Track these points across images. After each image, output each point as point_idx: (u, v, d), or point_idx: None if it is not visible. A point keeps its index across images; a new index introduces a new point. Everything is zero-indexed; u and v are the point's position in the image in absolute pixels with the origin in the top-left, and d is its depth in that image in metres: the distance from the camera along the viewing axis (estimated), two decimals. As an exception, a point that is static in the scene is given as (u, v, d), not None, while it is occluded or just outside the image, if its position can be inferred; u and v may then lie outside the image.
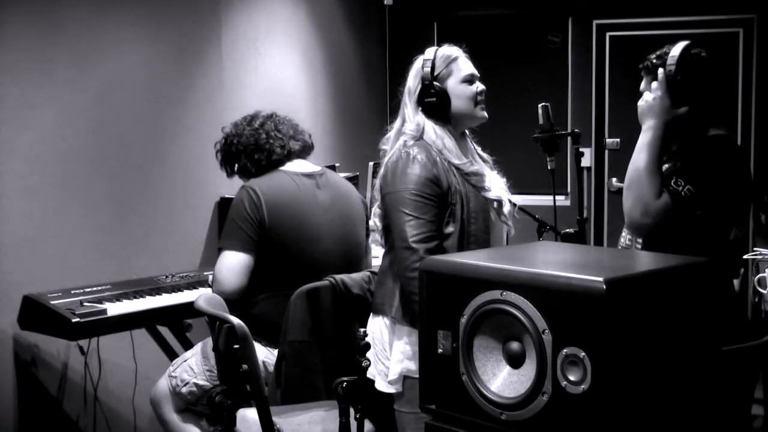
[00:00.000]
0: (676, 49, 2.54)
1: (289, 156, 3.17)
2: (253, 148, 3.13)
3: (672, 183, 2.46)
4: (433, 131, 2.64)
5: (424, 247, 2.48)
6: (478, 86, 2.70)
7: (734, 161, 2.57)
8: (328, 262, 3.07)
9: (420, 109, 2.66)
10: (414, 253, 2.47)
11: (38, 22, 3.31)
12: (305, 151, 3.25)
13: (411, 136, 2.64)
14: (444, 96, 2.64)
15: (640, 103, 2.58)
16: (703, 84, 2.56)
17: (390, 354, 2.60)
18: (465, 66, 2.71)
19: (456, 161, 2.62)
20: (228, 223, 3.02)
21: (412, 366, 2.51)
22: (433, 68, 2.65)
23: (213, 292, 2.95)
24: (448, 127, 2.67)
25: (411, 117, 2.68)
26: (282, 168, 3.16)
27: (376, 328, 2.64)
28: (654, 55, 2.60)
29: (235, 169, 3.22)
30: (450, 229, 2.55)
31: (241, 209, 2.99)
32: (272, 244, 3.00)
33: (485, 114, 2.72)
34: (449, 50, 2.72)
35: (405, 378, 2.55)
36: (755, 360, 2.39)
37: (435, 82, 2.64)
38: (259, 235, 2.98)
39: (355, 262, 3.17)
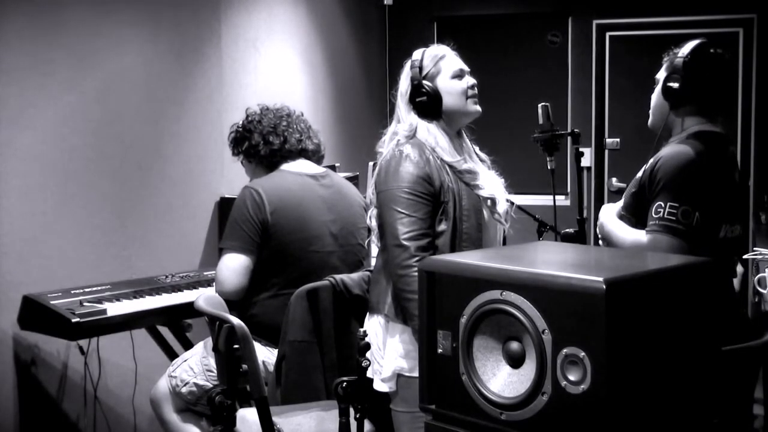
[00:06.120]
0: (686, 49, 2.54)
1: (302, 153, 3.20)
2: (271, 131, 3.17)
3: (656, 218, 2.44)
4: (426, 130, 2.64)
5: (415, 245, 2.48)
6: (469, 81, 2.70)
7: (706, 158, 2.49)
8: (329, 263, 3.08)
9: (412, 109, 2.67)
10: (405, 250, 2.47)
11: (38, 22, 3.31)
12: (316, 154, 3.27)
13: (404, 135, 2.65)
14: (435, 94, 2.64)
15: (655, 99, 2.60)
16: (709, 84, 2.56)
17: (384, 353, 2.60)
18: (453, 62, 2.70)
19: (449, 159, 2.62)
20: (230, 224, 3.03)
21: (405, 364, 2.50)
22: (421, 68, 2.66)
23: (215, 292, 2.96)
24: (442, 125, 2.66)
25: (404, 118, 2.68)
26: (286, 168, 3.17)
27: (372, 327, 2.64)
28: (678, 49, 2.59)
29: (243, 148, 3.23)
30: (442, 227, 2.55)
31: (243, 210, 3.00)
32: (274, 244, 3.01)
33: (478, 108, 2.71)
34: (437, 49, 2.73)
35: (398, 376, 2.54)
36: (755, 360, 2.39)
37: (425, 81, 2.64)
38: (260, 236, 2.99)
39: (356, 263, 3.18)
